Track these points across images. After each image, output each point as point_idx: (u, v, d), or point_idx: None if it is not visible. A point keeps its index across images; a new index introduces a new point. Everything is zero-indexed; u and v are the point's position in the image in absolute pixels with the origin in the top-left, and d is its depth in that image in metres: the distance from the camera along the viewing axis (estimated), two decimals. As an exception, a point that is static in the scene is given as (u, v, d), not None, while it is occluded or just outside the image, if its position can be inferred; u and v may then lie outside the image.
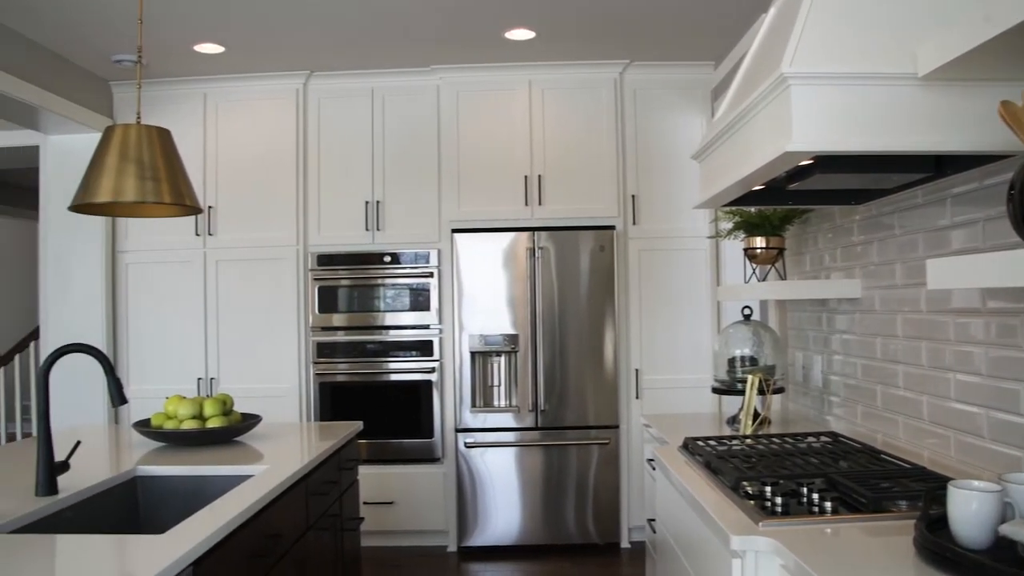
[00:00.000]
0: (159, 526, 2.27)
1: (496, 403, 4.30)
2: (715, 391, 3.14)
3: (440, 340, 4.39)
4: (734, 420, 3.00)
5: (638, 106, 4.40)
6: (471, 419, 4.24)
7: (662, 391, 4.33)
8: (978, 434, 1.96)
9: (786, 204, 2.66)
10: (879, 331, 2.49)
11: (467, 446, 4.23)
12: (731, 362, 3.07)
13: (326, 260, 4.41)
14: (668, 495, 2.35)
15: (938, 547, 1.38)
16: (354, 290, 4.41)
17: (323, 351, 4.40)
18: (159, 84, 4.44)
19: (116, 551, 1.55)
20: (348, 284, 4.41)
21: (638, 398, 4.33)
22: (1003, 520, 1.36)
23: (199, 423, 2.71)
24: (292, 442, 2.73)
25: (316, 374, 4.39)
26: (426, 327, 4.40)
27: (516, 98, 4.39)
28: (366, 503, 4.23)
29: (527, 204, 4.35)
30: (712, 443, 2.42)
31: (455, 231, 4.30)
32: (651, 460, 2.93)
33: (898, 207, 2.37)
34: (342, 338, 4.40)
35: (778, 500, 1.78)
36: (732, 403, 3.42)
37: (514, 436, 4.24)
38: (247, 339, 4.41)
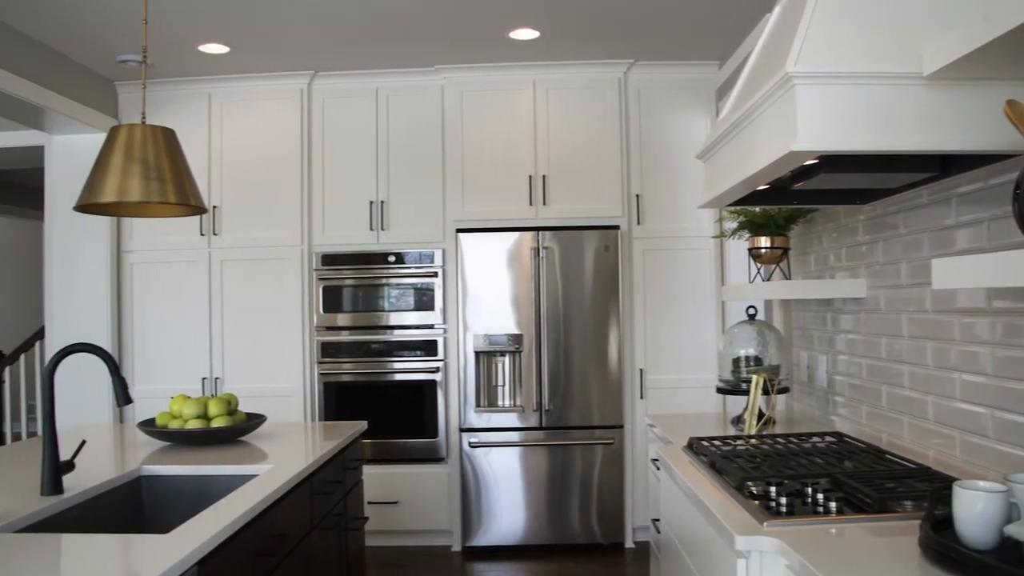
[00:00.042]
0: (164, 526, 2.28)
1: (500, 403, 4.30)
2: (719, 391, 3.14)
3: (444, 340, 4.39)
4: (739, 420, 2.99)
5: (642, 106, 4.39)
6: (475, 419, 4.25)
7: (666, 391, 4.33)
8: (983, 434, 1.95)
9: (791, 204, 2.66)
10: (884, 331, 2.49)
11: (471, 446, 4.23)
12: (735, 362, 3.06)
13: (330, 260, 4.42)
14: (672, 495, 2.35)
15: (943, 547, 1.38)
16: (358, 290, 4.41)
17: (327, 351, 4.40)
18: (164, 84, 4.45)
19: (121, 550, 1.55)
20: (352, 284, 4.41)
21: (642, 398, 4.33)
22: (1009, 520, 1.36)
23: (204, 423, 2.71)
24: (296, 442, 2.74)
25: (320, 374, 4.40)
26: (430, 327, 4.40)
27: (520, 98, 4.38)
28: (370, 503, 4.23)
29: (531, 204, 4.35)
30: (717, 443, 2.42)
31: (459, 231, 4.30)
32: (655, 460, 2.93)
33: (903, 207, 2.36)
34: (346, 338, 4.41)
35: (783, 500, 1.78)
36: (737, 403, 3.42)
37: (518, 436, 4.24)
38: (252, 339, 4.42)
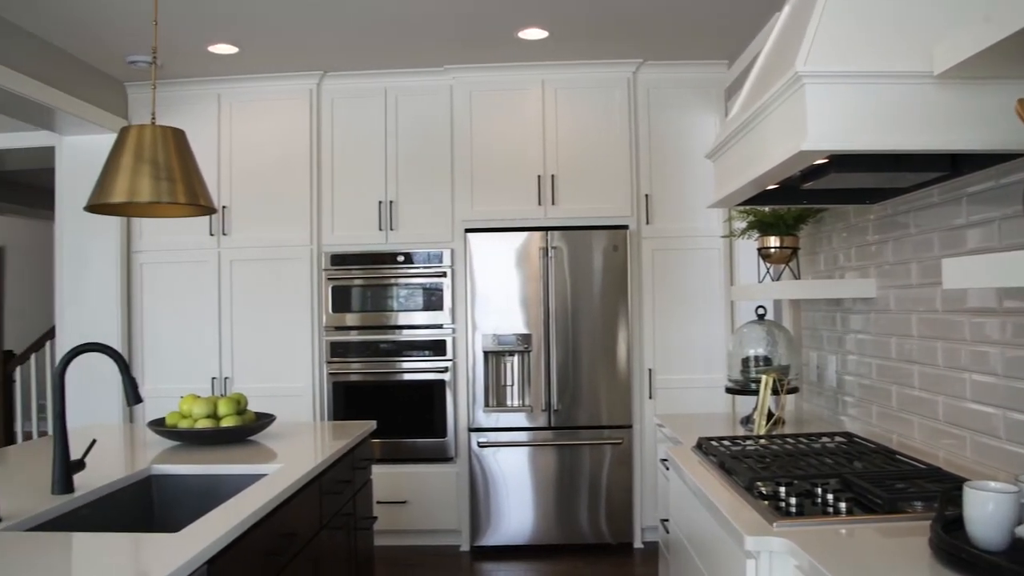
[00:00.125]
0: (174, 525, 2.29)
1: (509, 403, 4.30)
2: (729, 391, 3.13)
3: (453, 340, 4.39)
4: (748, 420, 2.98)
5: (651, 105, 4.38)
6: (484, 419, 4.25)
7: (676, 391, 4.32)
8: (994, 435, 1.94)
9: (800, 203, 2.65)
10: (894, 331, 2.48)
11: (480, 445, 4.23)
12: (745, 362, 3.06)
13: (339, 260, 4.43)
14: (682, 495, 2.34)
15: (954, 548, 1.37)
16: (367, 290, 4.42)
17: (337, 351, 4.41)
18: (173, 85, 4.47)
19: (131, 549, 1.56)
20: (361, 284, 4.42)
21: (651, 398, 4.32)
22: (1020, 521, 1.35)
23: (213, 422, 2.72)
24: (306, 441, 2.74)
25: (330, 373, 4.41)
26: (439, 327, 4.40)
27: (529, 98, 4.38)
28: (379, 502, 4.24)
29: (540, 204, 4.35)
30: (726, 443, 2.42)
31: (468, 231, 4.30)
32: (665, 460, 2.92)
33: (913, 206, 2.35)
34: (355, 338, 4.42)
35: (792, 500, 1.77)
36: (746, 403, 3.41)
37: (527, 436, 4.24)
38: (261, 339, 4.43)
